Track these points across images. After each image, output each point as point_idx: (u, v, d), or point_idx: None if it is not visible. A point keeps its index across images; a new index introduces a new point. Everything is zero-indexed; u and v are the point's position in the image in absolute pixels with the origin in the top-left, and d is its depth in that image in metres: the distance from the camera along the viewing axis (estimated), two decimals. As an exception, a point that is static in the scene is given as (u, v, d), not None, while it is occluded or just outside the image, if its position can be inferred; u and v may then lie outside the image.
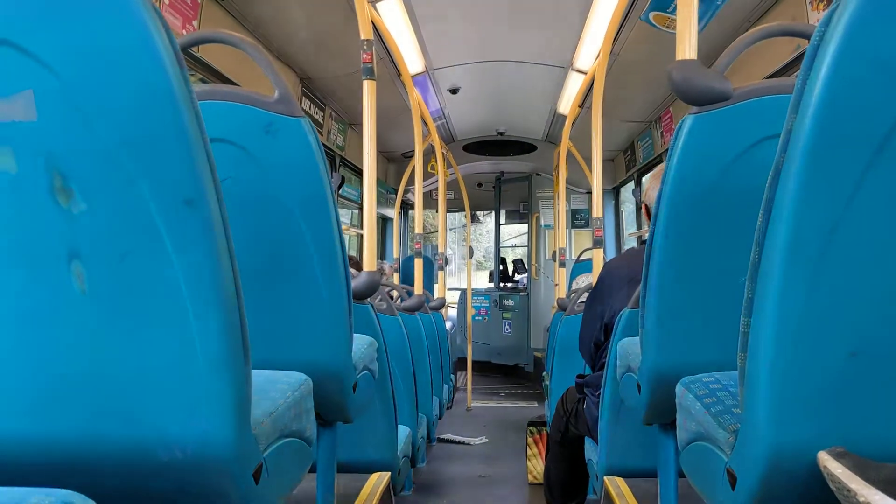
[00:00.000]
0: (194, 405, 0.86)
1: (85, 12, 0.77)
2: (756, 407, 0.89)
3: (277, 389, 1.16)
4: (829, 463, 0.82)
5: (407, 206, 8.87)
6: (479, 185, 9.88)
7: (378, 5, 3.99)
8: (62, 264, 0.83)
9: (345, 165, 6.12)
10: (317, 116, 5.19)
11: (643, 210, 2.36)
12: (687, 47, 1.44)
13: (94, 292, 0.84)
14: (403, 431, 3.05)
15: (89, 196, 0.81)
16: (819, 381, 0.85)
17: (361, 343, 1.85)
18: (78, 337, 0.85)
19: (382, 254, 8.48)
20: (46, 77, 0.78)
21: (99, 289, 0.84)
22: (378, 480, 2.46)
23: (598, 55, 3.42)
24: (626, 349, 1.80)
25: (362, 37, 2.42)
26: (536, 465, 4.09)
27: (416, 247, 4.34)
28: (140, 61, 0.78)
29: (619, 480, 2.26)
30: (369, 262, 2.37)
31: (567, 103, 5.92)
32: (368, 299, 2.34)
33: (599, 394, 2.32)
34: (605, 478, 2.28)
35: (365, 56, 2.40)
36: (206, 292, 0.84)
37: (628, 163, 6.76)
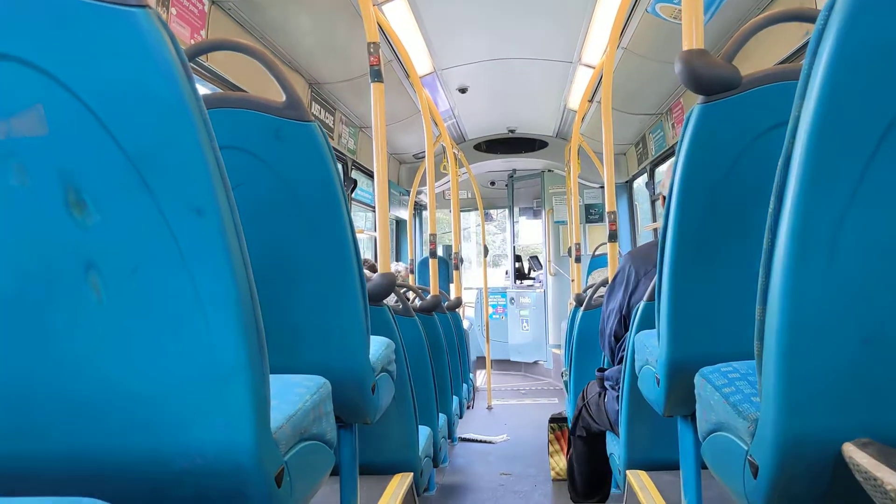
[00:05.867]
0: (213, 412, 0.87)
1: (91, 26, 0.78)
2: (773, 395, 0.88)
3: (296, 393, 1.17)
4: (854, 453, 0.81)
5: (420, 207, 8.88)
6: (492, 183, 9.88)
7: (384, 7, 3.99)
8: (79, 276, 0.84)
9: (357, 169, 6.13)
10: (327, 121, 5.20)
11: (661, 201, 2.36)
12: (693, 37, 1.44)
13: (110, 302, 0.85)
14: (424, 432, 3.06)
15: (102, 208, 0.82)
16: (833, 368, 0.85)
17: (379, 345, 1.86)
18: (97, 347, 0.86)
19: (397, 255, 8.48)
20: (56, 91, 0.79)
21: (115, 299, 0.85)
22: (401, 481, 2.47)
23: (606, 49, 3.41)
24: (644, 342, 1.79)
25: (368, 39, 2.42)
26: (559, 462, 4.08)
27: (431, 247, 4.34)
28: (146, 74, 0.79)
29: (642, 474, 2.25)
30: (383, 263, 2.38)
31: (577, 98, 5.90)
32: (384, 301, 2.35)
33: (619, 387, 2.32)
34: (627, 471, 2.28)
35: (372, 59, 2.41)
36: (221, 299, 0.84)
37: (640, 156, 6.73)
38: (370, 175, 6.43)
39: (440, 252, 8.86)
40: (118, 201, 0.82)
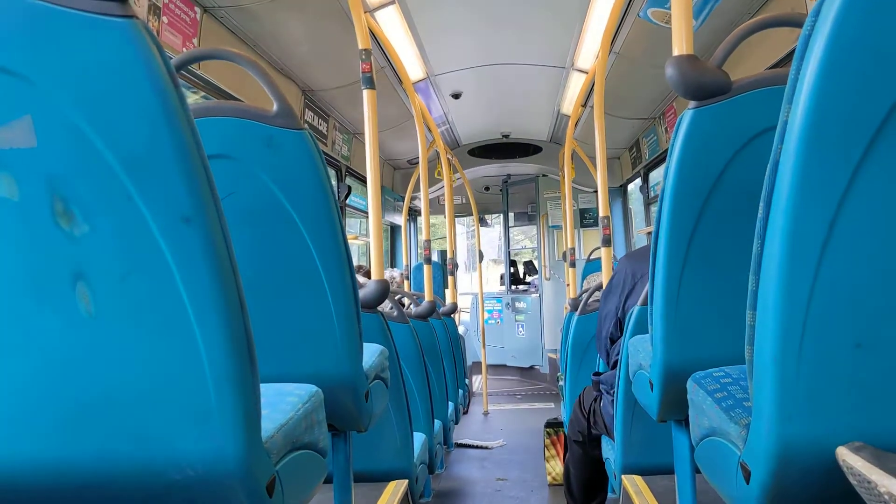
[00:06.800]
0: (204, 421, 0.86)
1: (78, 37, 0.78)
2: (764, 400, 0.88)
3: (287, 402, 1.17)
4: (847, 457, 0.81)
5: (415, 212, 8.88)
6: (487, 188, 9.89)
7: (376, 14, 4.00)
8: (67, 287, 0.84)
9: (351, 175, 6.13)
10: (321, 127, 5.20)
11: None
12: (683, 42, 1.44)
13: (99, 313, 0.84)
14: (419, 438, 3.06)
15: (90, 218, 0.82)
16: (826, 373, 0.84)
17: (372, 352, 1.85)
18: (86, 358, 0.85)
19: (392, 261, 8.48)
20: (44, 102, 0.79)
21: (104, 309, 0.84)
22: (396, 488, 2.46)
23: (598, 54, 3.42)
24: (637, 347, 1.80)
25: (360, 46, 2.43)
26: (555, 466, 4.08)
27: (425, 253, 4.34)
28: (132, 84, 0.78)
29: (637, 478, 2.25)
30: (377, 270, 2.38)
31: (570, 103, 5.92)
32: (378, 308, 2.35)
33: (614, 391, 2.32)
34: (622, 476, 2.27)
35: (364, 65, 2.41)
36: (210, 308, 0.84)
37: (634, 160, 6.74)
38: (365, 181, 6.43)
39: (435, 258, 8.87)
40: (106, 211, 0.82)
